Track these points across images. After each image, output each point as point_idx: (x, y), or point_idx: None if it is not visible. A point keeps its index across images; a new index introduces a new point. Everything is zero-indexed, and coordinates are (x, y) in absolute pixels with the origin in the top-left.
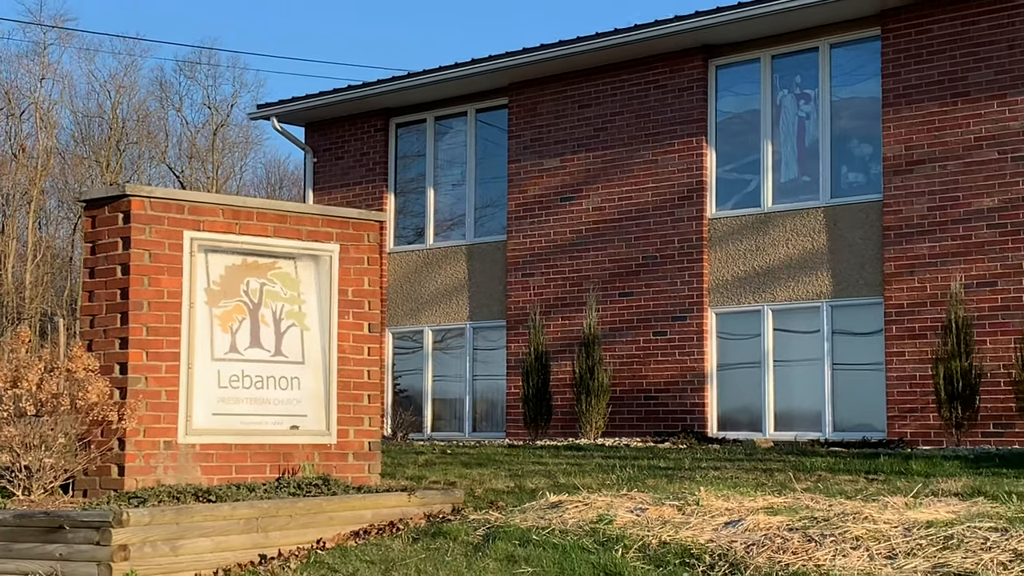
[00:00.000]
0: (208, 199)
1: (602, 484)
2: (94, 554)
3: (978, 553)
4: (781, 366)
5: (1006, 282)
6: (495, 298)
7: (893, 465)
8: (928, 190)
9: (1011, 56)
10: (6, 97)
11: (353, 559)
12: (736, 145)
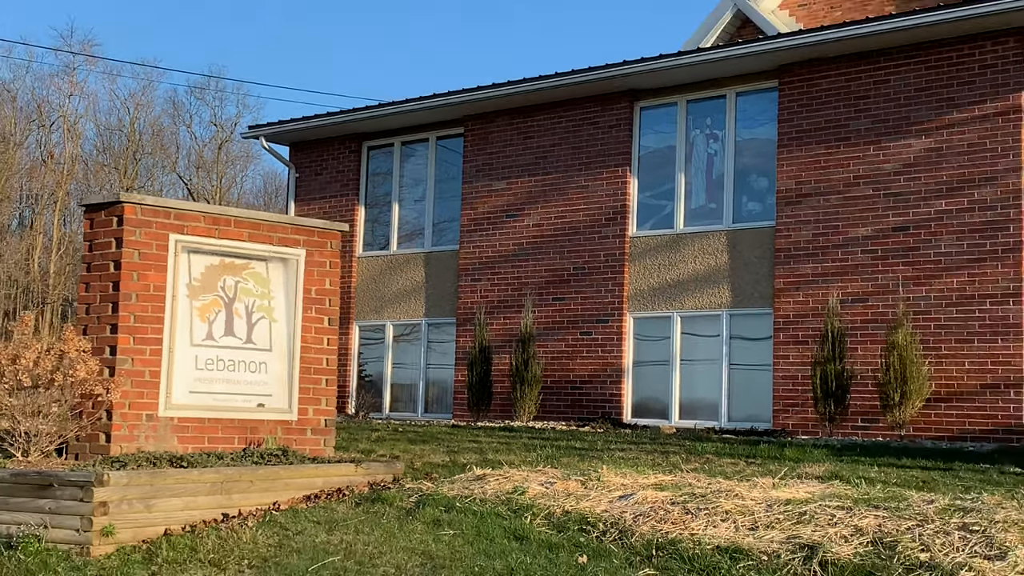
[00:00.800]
0: (192, 207)
1: (523, 461)
2: (78, 509)
3: (825, 528)
4: (686, 364)
5: (875, 299)
6: (447, 299)
7: (770, 451)
8: (813, 219)
9: (886, 108)
10: (38, 110)
11: (302, 519)
12: (655, 175)
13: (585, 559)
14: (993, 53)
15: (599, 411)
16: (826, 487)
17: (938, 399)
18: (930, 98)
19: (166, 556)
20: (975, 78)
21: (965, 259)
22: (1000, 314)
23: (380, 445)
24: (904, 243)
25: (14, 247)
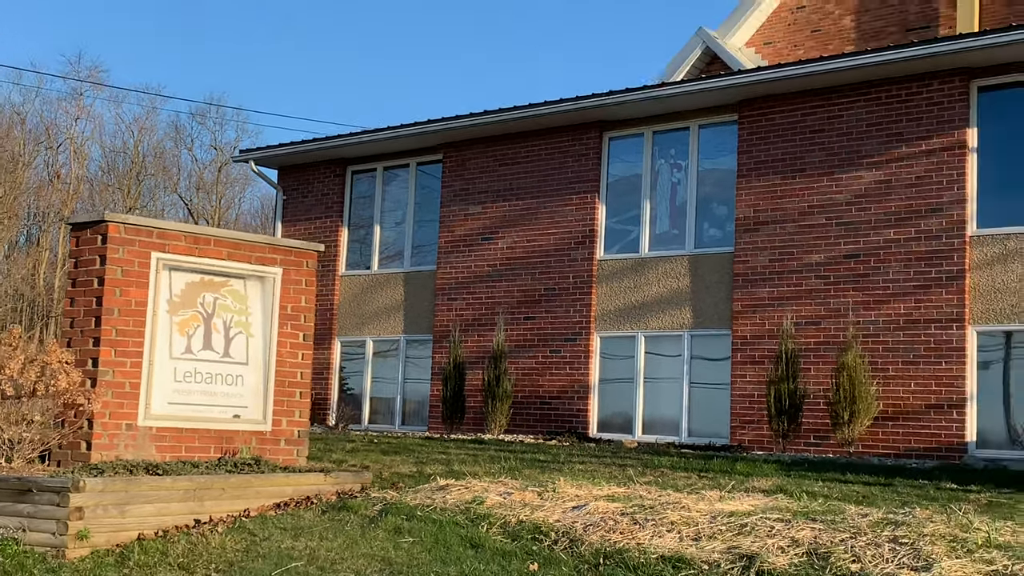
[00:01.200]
0: (173, 227)
1: (487, 472)
2: (54, 514)
3: (764, 539)
4: (650, 382)
5: (827, 322)
6: (425, 317)
7: (722, 466)
8: (770, 246)
9: (839, 141)
10: (46, 132)
11: (270, 525)
12: (622, 202)
13: (536, 567)
14: (939, 91)
15: (566, 425)
16: (770, 500)
17: (885, 418)
18: (880, 133)
19: (138, 560)
20: (923, 115)
21: (912, 285)
22: (944, 338)
23: (353, 455)
24: (855, 270)
25: (21, 263)
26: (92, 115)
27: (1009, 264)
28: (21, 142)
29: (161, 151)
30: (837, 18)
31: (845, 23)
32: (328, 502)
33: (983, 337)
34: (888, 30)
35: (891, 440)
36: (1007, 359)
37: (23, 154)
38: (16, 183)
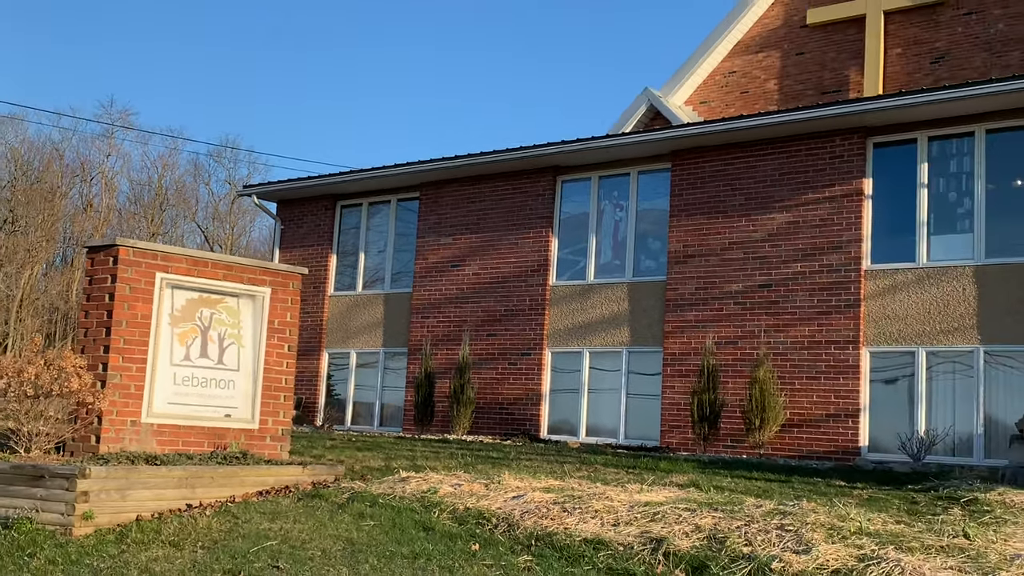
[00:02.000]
0: (175, 251)
1: (445, 467)
2: (64, 497)
3: (672, 525)
4: (593, 392)
5: (743, 343)
6: (401, 333)
7: (648, 464)
8: (696, 276)
9: (755, 188)
10: (81, 167)
11: (252, 510)
12: (572, 236)
13: (477, 547)
14: (841, 147)
15: (521, 428)
16: (683, 493)
17: (791, 425)
18: (791, 181)
19: (135, 537)
20: (826, 166)
21: (815, 312)
22: (842, 357)
23: (332, 451)
24: (767, 297)
25: (56, 280)
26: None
27: (897, 295)
28: (59, 175)
29: (182, 185)
30: (763, 82)
31: (769, 86)
32: (304, 491)
33: (875, 357)
34: (806, 92)
35: (796, 444)
36: (895, 376)
37: (60, 185)
38: (54, 211)
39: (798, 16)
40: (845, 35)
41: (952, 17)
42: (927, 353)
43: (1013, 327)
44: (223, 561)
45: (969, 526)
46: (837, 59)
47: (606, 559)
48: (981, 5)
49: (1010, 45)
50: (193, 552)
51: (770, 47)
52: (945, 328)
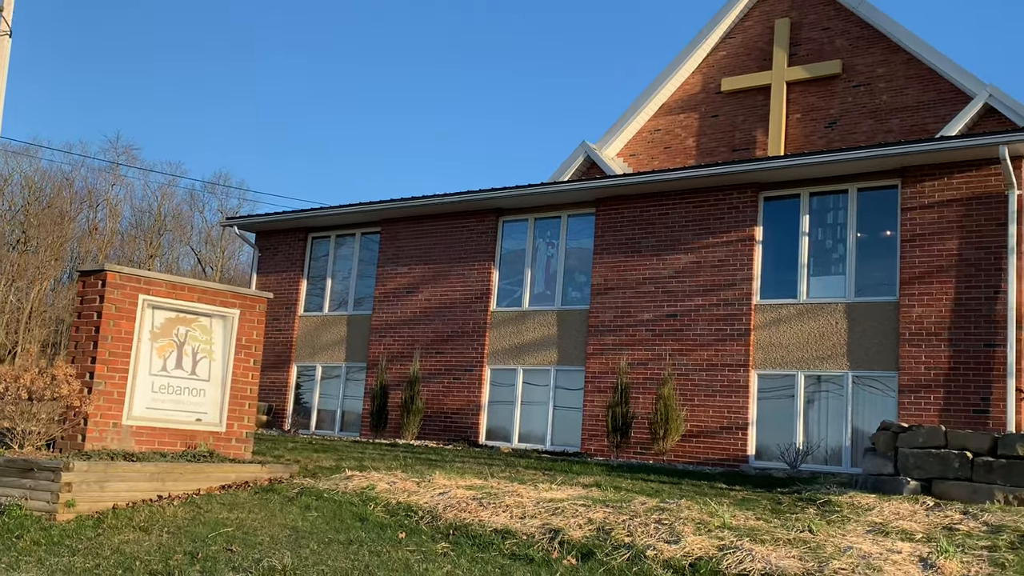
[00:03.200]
0: (156, 276)
1: (387, 467)
2: (49, 487)
3: (569, 518)
4: (525, 404)
5: (652, 364)
6: (361, 349)
7: (564, 467)
8: (614, 306)
9: (665, 232)
10: (89, 195)
11: (213, 501)
12: (510, 269)
13: (404, 535)
14: (738, 199)
15: (462, 434)
16: (585, 492)
17: (691, 435)
18: (695, 227)
19: (110, 523)
20: (724, 215)
21: (712, 339)
22: (734, 378)
23: (292, 452)
24: (673, 326)
25: (64, 295)
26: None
27: (781, 326)
28: (68, 201)
29: (179, 212)
30: (683, 139)
31: (688, 143)
32: (261, 486)
33: (762, 379)
34: (719, 149)
35: (694, 452)
36: (778, 395)
37: (69, 210)
38: (62, 233)
39: (714, 84)
40: (753, 101)
41: (844, 88)
42: (805, 376)
43: (876, 356)
44: (184, 544)
45: (815, 523)
46: (746, 121)
47: (511, 546)
48: (869, 79)
49: (892, 113)
50: (160, 536)
51: (690, 109)
52: (821, 355)
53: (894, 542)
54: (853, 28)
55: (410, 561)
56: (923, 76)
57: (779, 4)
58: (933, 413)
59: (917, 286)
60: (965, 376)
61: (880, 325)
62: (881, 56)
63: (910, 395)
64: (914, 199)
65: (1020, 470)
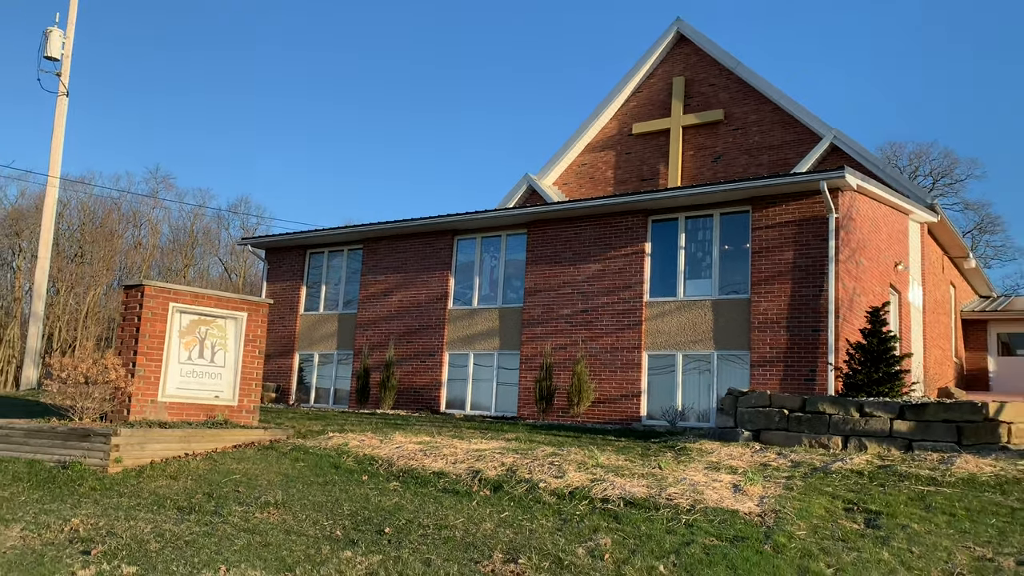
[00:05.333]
0: (183, 288)
1: (361, 430)
2: (102, 448)
3: (487, 462)
4: (476, 380)
5: (569, 348)
6: (349, 340)
7: (497, 427)
8: (542, 304)
9: (580, 247)
10: (133, 216)
11: (226, 456)
12: (463, 276)
13: (366, 477)
14: (632, 221)
15: (427, 405)
16: (505, 444)
17: (598, 402)
18: (600, 243)
19: (148, 473)
20: (622, 234)
21: (614, 328)
22: (630, 358)
23: (290, 421)
24: (585, 319)
25: (113, 299)
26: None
27: (665, 318)
28: (117, 221)
29: (208, 230)
30: (604, 171)
31: (608, 175)
32: (263, 445)
33: (651, 358)
34: (631, 179)
35: (601, 414)
36: (663, 370)
37: (117, 229)
38: (112, 248)
39: (627, 128)
40: (657, 141)
41: (726, 131)
42: (683, 355)
43: (734, 339)
44: (204, 487)
45: (665, 462)
46: (652, 157)
47: (444, 483)
48: (744, 124)
49: (762, 151)
50: (185, 482)
51: (609, 148)
52: (694, 339)
53: (720, 475)
54: (732, 84)
55: (369, 495)
56: (785, 121)
57: (676, 65)
58: (775, 382)
59: (763, 286)
60: (798, 354)
61: (737, 316)
62: (754, 106)
63: (759, 368)
64: (761, 221)
65: (820, 422)
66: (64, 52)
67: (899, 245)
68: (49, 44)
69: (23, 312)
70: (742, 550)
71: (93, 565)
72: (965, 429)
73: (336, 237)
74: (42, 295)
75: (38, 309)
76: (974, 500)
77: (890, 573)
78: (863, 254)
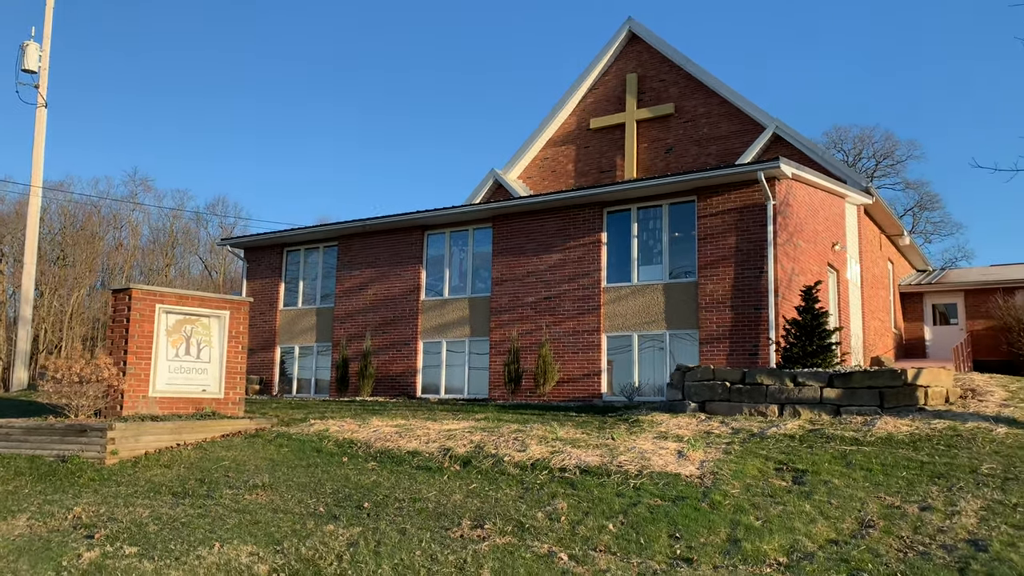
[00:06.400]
0: (168, 291)
1: (341, 416)
2: (99, 441)
3: (458, 440)
4: (449, 366)
5: (535, 333)
6: (327, 332)
7: (469, 409)
8: (508, 293)
9: (543, 238)
10: (114, 218)
11: (215, 445)
12: (434, 269)
13: (346, 459)
14: (589, 213)
15: (404, 391)
16: (474, 423)
17: (562, 382)
18: (562, 234)
19: (143, 463)
20: (581, 225)
21: (575, 313)
22: (591, 340)
23: (274, 410)
24: (549, 306)
25: (97, 299)
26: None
27: (621, 302)
28: (98, 223)
29: (188, 229)
30: (564, 164)
31: (569, 168)
32: (249, 433)
33: (610, 339)
34: (591, 172)
35: (565, 393)
36: (621, 350)
37: (99, 231)
38: (94, 250)
39: (585, 123)
40: (613, 135)
41: (677, 124)
42: (639, 336)
43: (684, 319)
44: (195, 474)
45: (618, 433)
46: (609, 150)
47: (417, 461)
48: (694, 116)
49: (711, 142)
50: (178, 470)
51: (569, 142)
52: (648, 320)
53: (667, 443)
54: (682, 80)
55: (349, 475)
56: (731, 113)
57: (629, 63)
58: (722, 357)
59: (709, 270)
60: (742, 331)
61: (686, 298)
62: (702, 99)
63: (707, 345)
64: (706, 209)
65: (758, 392)
66: (41, 65)
67: (836, 227)
68: (26, 57)
69: (7, 315)
70: (682, 508)
71: (97, 547)
72: (887, 394)
73: (312, 235)
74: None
75: (26, 313)
76: (889, 456)
77: (810, 522)
78: (801, 237)
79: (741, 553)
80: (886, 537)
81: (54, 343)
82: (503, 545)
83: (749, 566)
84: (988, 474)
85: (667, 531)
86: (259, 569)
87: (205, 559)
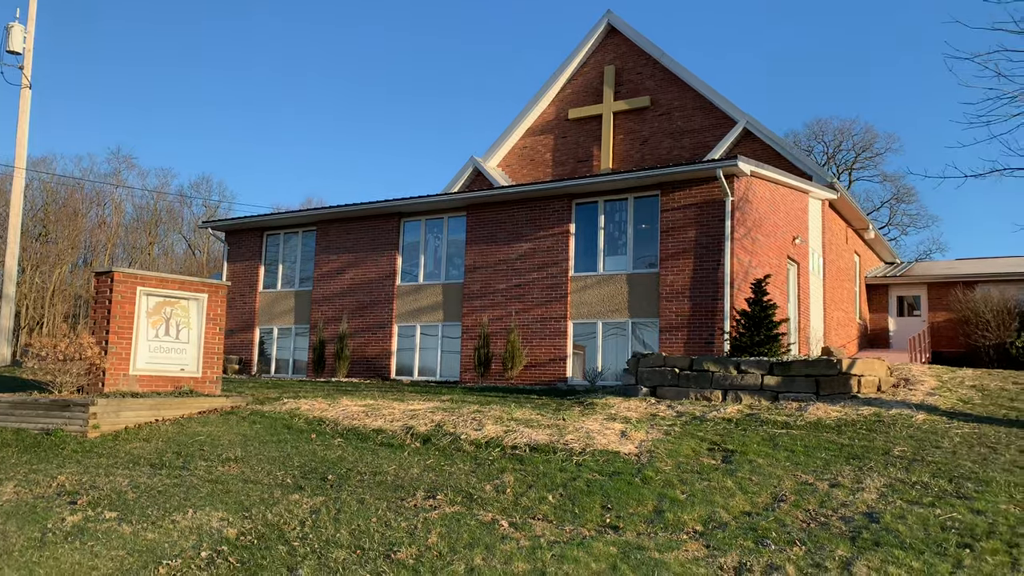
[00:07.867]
0: (149, 274)
1: (313, 396)
2: (81, 416)
3: (420, 420)
4: (423, 349)
5: (504, 319)
6: (305, 315)
7: (437, 390)
8: (480, 280)
9: (513, 227)
10: (97, 195)
11: (193, 421)
12: (410, 255)
13: (314, 436)
14: (558, 204)
15: (379, 373)
16: (438, 404)
17: (530, 366)
18: (532, 224)
19: (123, 437)
20: (550, 215)
21: (544, 300)
22: (557, 326)
23: (251, 389)
24: (518, 293)
25: (79, 276)
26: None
27: (587, 290)
28: (80, 201)
29: (171, 208)
30: (543, 154)
31: (547, 157)
32: (225, 411)
33: (576, 326)
34: (568, 161)
35: (532, 377)
36: (586, 336)
37: (81, 208)
38: (77, 227)
39: (564, 113)
40: (591, 126)
41: (652, 116)
42: (603, 323)
43: (646, 308)
44: (173, 447)
45: (569, 415)
46: (586, 141)
47: (381, 438)
48: (668, 109)
49: (684, 135)
50: (156, 444)
51: (547, 132)
52: (612, 309)
53: (614, 424)
54: (658, 73)
55: (316, 450)
56: (705, 107)
57: (607, 55)
58: (680, 345)
59: (671, 262)
60: (700, 321)
61: (649, 288)
62: (677, 93)
63: (667, 334)
64: (669, 204)
65: (704, 379)
66: (26, 46)
67: (798, 221)
68: (11, 39)
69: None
70: (616, 482)
71: (80, 512)
72: (822, 381)
73: (291, 220)
74: (13, 278)
75: (9, 291)
76: (813, 439)
77: (730, 496)
78: (759, 231)
79: (663, 522)
80: (794, 510)
81: (36, 319)
82: (451, 513)
83: (668, 533)
84: (898, 456)
85: (600, 503)
86: (228, 532)
87: (179, 523)
